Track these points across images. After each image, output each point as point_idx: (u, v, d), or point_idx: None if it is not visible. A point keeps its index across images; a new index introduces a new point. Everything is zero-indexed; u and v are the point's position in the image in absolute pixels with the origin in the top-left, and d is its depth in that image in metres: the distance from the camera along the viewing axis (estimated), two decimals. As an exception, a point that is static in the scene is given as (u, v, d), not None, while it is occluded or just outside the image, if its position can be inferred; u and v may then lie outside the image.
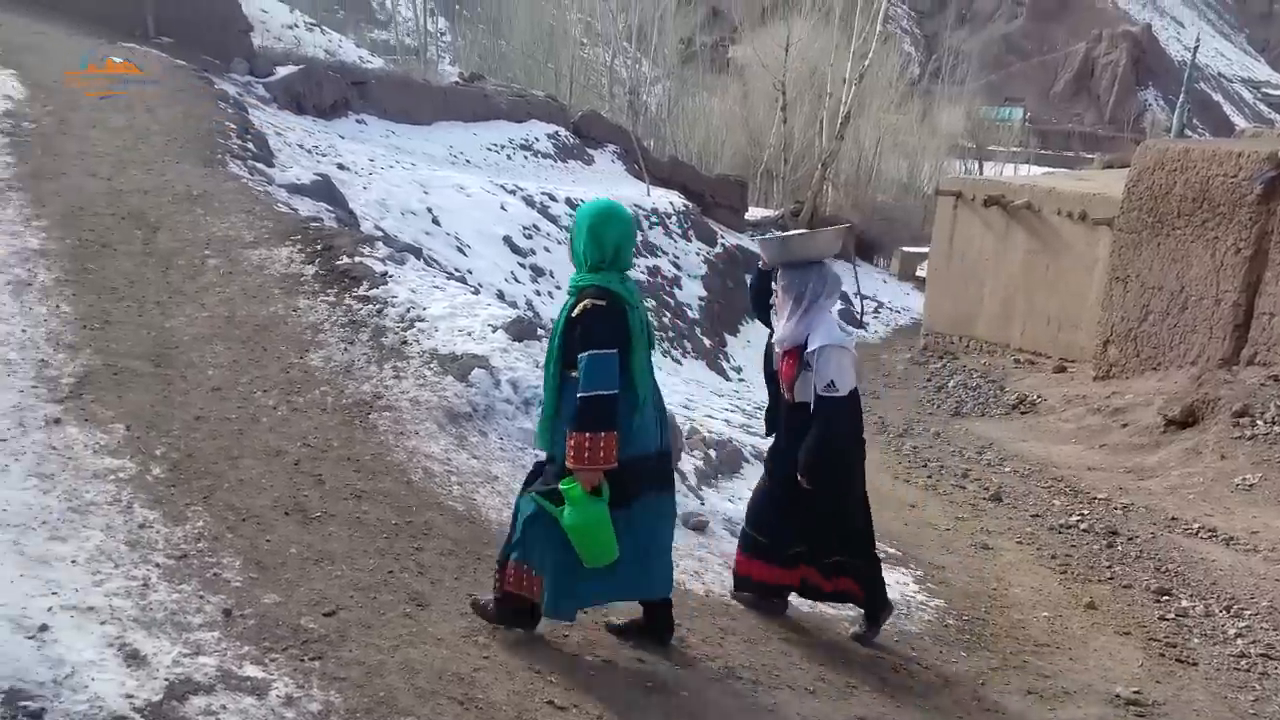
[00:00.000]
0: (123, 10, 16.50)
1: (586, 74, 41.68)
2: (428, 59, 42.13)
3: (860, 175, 38.58)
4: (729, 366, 17.33)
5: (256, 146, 10.92)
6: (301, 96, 17.36)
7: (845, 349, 4.19)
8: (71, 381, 4.71)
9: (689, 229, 21.37)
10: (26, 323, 5.24)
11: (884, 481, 8.95)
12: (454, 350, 6.11)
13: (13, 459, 3.91)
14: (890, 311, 25.19)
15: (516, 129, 23.26)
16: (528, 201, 16.89)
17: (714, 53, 52.29)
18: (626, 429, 3.38)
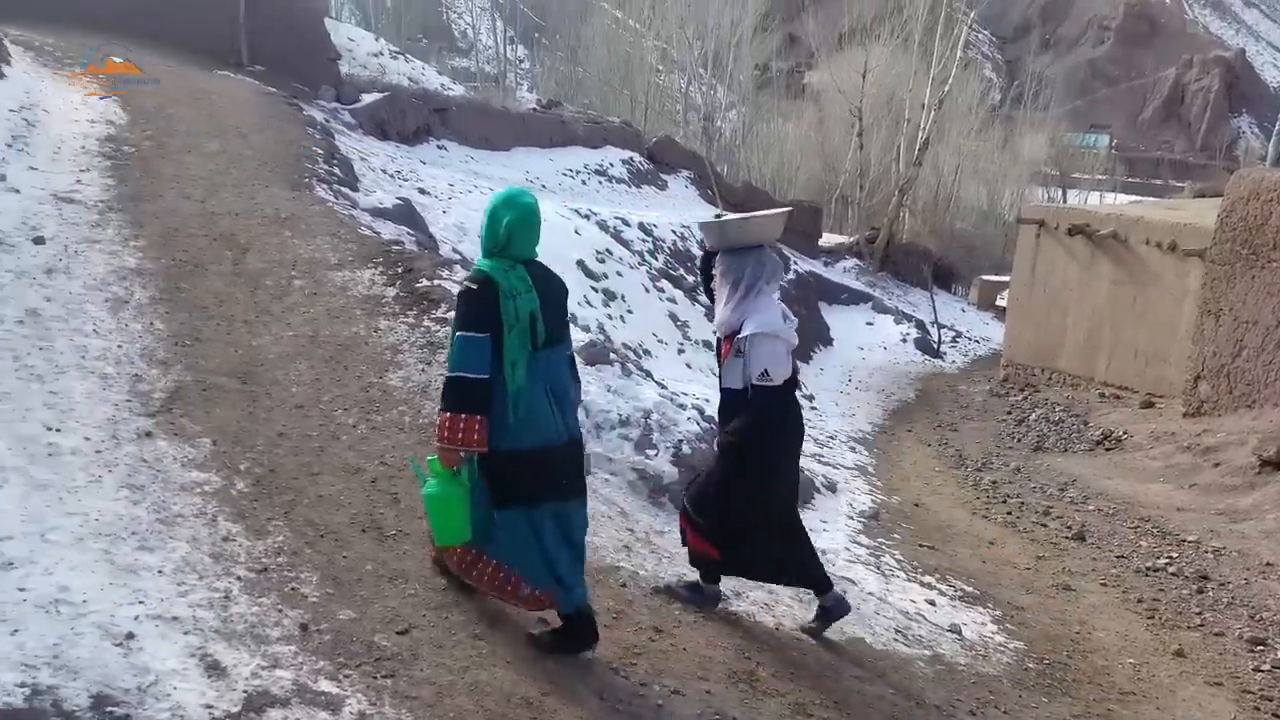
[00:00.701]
0: (219, 40, 17.19)
1: (661, 100, 42.00)
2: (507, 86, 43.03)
3: (938, 202, 38.07)
4: (800, 394, 17.14)
5: (342, 171, 11.25)
6: (385, 123, 17.84)
7: (778, 337, 4.11)
8: (163, 396, 4.88)
9: (762, 255, 21.27)
10: (123, 339, 5.46)
11: (961, 516, 8.77)
12: (528, 373, 6.17)
13: (106, 470, 4.06)
14: (969, 341, 24.69)
15: (592, 154, 23.52)
16: (601, 226, 17.03)
17: (790, 78, 52.30)
18: (500, 419, 3.37)
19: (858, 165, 34.04)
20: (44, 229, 6.78)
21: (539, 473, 3.45)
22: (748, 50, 40.04)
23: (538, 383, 3.44)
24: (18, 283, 5.77)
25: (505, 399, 3.37)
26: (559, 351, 3.57)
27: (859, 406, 16.88)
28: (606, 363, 6.59)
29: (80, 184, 8.05)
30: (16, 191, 7.31)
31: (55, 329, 5.33)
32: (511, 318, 3.35)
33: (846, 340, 21.25)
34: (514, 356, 3.36)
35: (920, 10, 33.99)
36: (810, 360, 19.38)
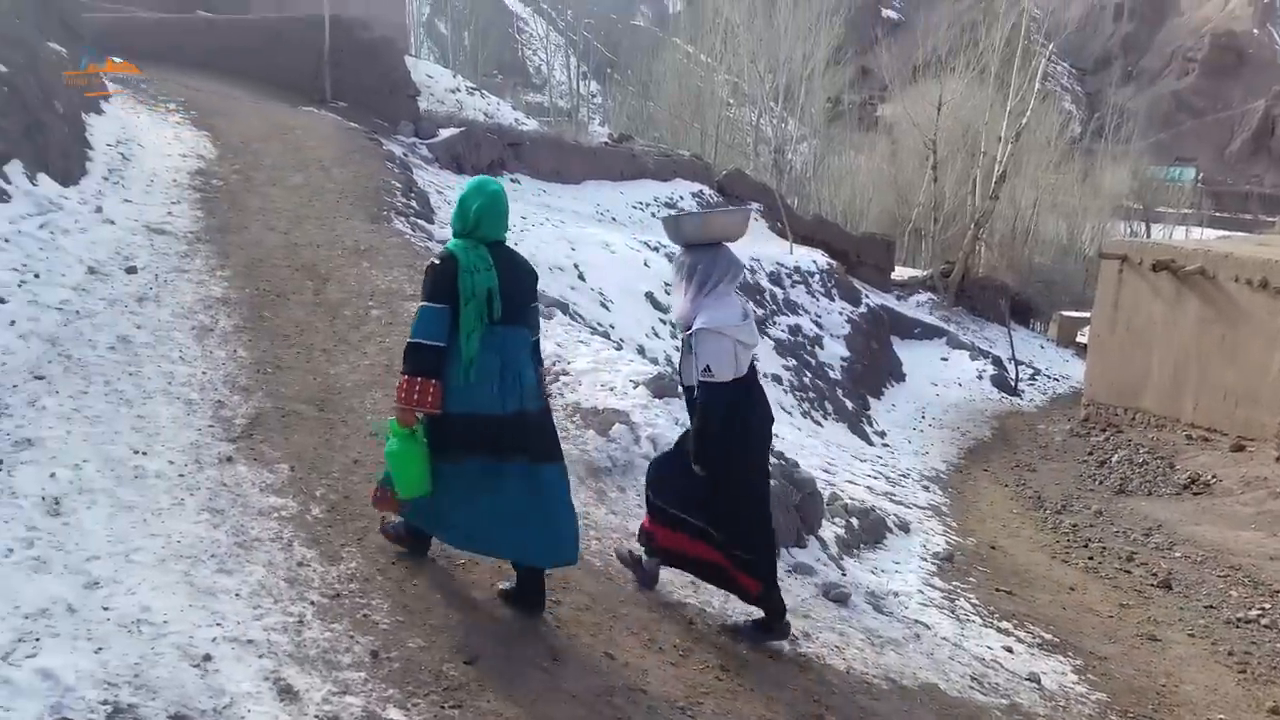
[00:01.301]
0: (304, 78, 17.84)
1: (732, 133, 42.20)
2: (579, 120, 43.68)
3: (1016, 236, 37.37)
4: (872, 430, 16.89)
5: (419, 204, 11.51)
6: (461, 156, 18.24)
7: (722, 334, 3.98)
8: (244, 422, 5.01)
9: (832, 287, 21.13)
10: (207, 366, 5.63)
11: (1040, 561, 8.51)
12: (596, 405, 6.20)
13: (188, 494, 4.18)
14: (1048, 379, 24.07)
15: (662, 187, 23.70)
16: (670, 259, 17.10)
17: (862, 111, 52.11)
18: (453, 384, 3.65)
19: (932, 198, 33.65)
20: (136, 259, 7.06)
21: (476, 437, 3.70)
22: (819, 83, 40.01)
23: (492, 355, 3.69)
24: (110, 310, 6.00)
25: (458, 366, 3.66)
26: (518, 331, 3.79)
27: (933, 444, 16.54)
28: (675, 395, 6.57)
29: (171, 216, 8.37)
30: (111, 223, 7.64)
31: (144, 355, 5.53)
32: (469, 292, 3.62)
33: (920, 376, 20.90)
34: (469, 328, 3.64)
35: (997, 42, 33.63)
36: (882, 395, 19.10)
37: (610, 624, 4.06)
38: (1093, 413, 15.73)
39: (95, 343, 5.46)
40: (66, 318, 5.65)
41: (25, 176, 7.29)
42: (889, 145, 41.71)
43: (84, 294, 6.11)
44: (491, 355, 3.68)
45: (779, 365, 16.26)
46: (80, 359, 5.20)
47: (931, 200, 33.73)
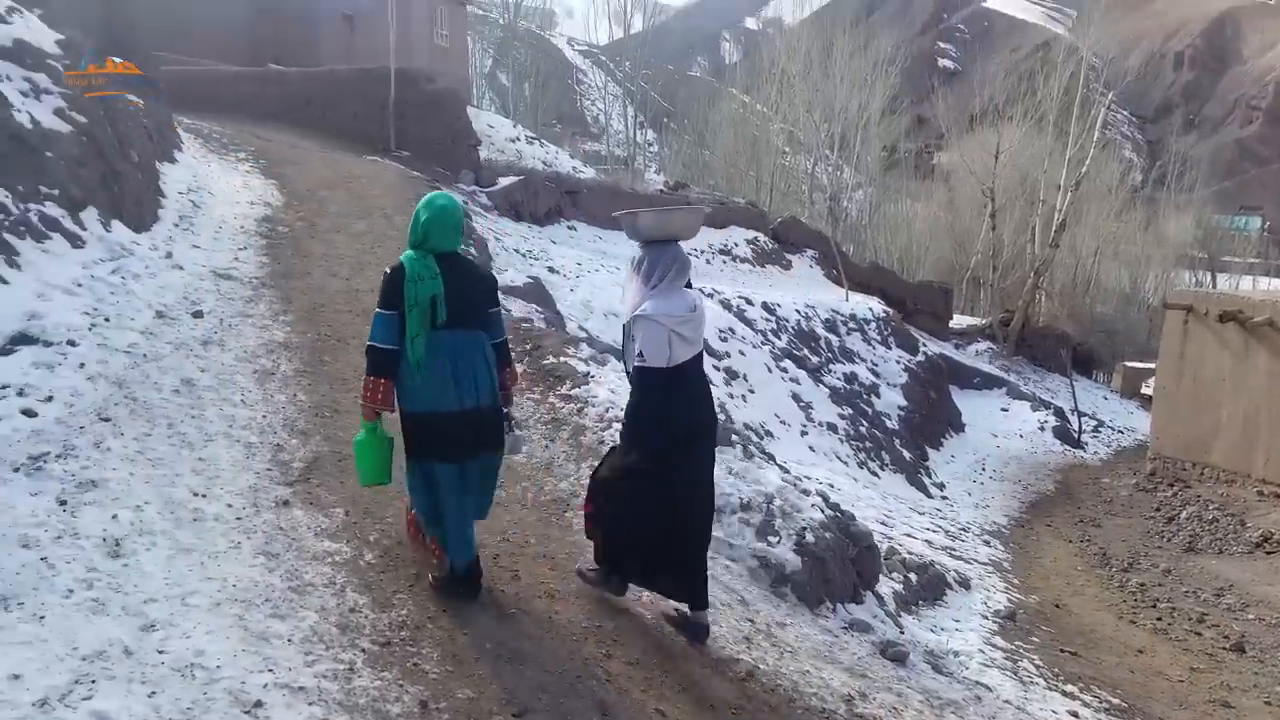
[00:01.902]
0: (369, 128, 18.34)
1: (787, 181, 42.29)
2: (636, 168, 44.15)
3: (1077, 284, 36.73)
4: (930, 482, 16.55)
5: (478, 250, 11.67)
6: (519, 204, 18.51)
7: (659, 323, 4.09)
8: (301, 466, 5.07)
9: (889, 335, 20.90)
10: (267, 409, 5.72)
11: (1106, 621, 8.20)
12: (650, 453, 6.14)
13: (245, 537, 4.22)
14: (1112, 431, 23.44)
15: (717, 234, 23.76)
16: (724, 305, 17.09)
17: (918, 159, 51.92)
18: (408, 384, 3.94)
19: (990, 246, 33.27)
20: (203, 303, 7.24)
21: (431, 433, 3.96)
22: (875, 132, 40.02)
23: (440, 357, 3.94)
24: (176, 354, 6.15)
25: (408, 367, 3.93)
26: (472, 334, 4.04)
27: (993, 497, 16.16)
28: (728, 445, 6.50)
29: (238, 261, 8.60)
30: (180, 268, 7.86)
31: (207, 398, 5.64)
32: (412, 299, 3.89)
33: (980, 427, 20.49)
34: (414, 332, 3.90)
35: (1054, 91, 33.39)
36: (941, 446, 18.75)
37: (661, 679, 3.98)
38: (1159, 467, 15.25)
39: (160, 385, 5.59)
40: (134, 360, 5.80)
41: (100, 223, 7.55)
42: (946, 193, 41.44)
43: (151, 337, 6.28)
44: (442, 357, 3.94)
45: (835, 414, 16.05)
46: (145, 401, 5.32)
47: (990, 248, 33.34)
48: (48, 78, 8.00)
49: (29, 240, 6.54)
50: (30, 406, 4.88)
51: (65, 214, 7.19)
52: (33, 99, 7.59)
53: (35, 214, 6.83)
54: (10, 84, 7.46)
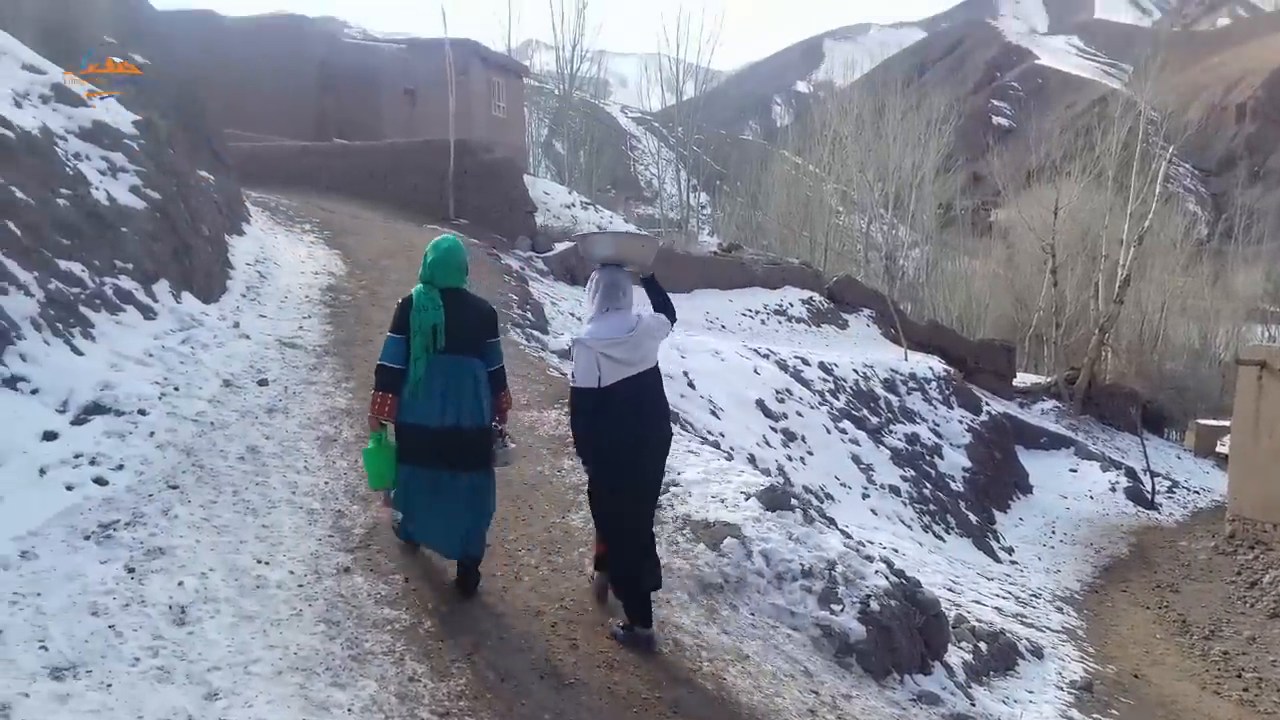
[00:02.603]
0: (430, 197, 18.82)
1: (842, 240, 42.23)
2: (689, 231, 44.51)
3: (1143, 341, 35.85)
4: (998, 546, 16.07)
5: (534, 315, 11.81)
6: (574, 269, 18.72)
7: (584, 345, 4.49)
8: (362, 533, 5.10)
9: (950, 395, 20.54)
10: (329, 476, 5.79)
11: (1188, 691, 7.82)
12: (707, 517, 6.08)
13: (306, 604, 4.24)
14: (1187, 491, 22.61)
15: (771, 295, 23.75)
16: (780, 365, 16.99)
17: (975, 216, 51.59)
18: (404, 399, 4.50)
19: (1052, 303, 32.72)
20: (268, 372, 7.41)
21: (412, 441, 4.53)
22: (930, 190, 39.92)
23: (437, 378, 4.49)
24: (242, 421, 6.28)
25: (408, 384, 4.49)
26: (468, 360, 4.57)
27: (1065, 562, 15.63)
28: (787, 509, 6.39)
29: (302, 330, 8.80)
30: (247, 338, 8.07)
31: (271, 465, 5.73)
32: (416, 326, 4.48)
33: (1048, 488, 19.93)
34: (416, 354, 4.47)
35: (1113, 146, 33.03)
36: (1008, 509, 18.26)
37: (724, 753, 3.87)
38: (1239, 529, 14.63)
39: (226, 453, 5.70)
40: (202, 429, 5.93)
41: (171, 295, 7.81)
42: (1004, 250, 41.02)
43: (219, 406, 6.42)
44: (436, 378, 4.49)
45: (897, 476, 15.74)
46: (212, 469, 5.43)
47: (1052, 305, 32.79)
48: (124, 157, 8.37)
49: (104, 312, 6.78)
50: (102, 475, 5.00)
51: (139, 286, 7.45)
52: (110, 177, 7.94)
53: (110, 287, 7.09)
54: (89, 163, 7.82)
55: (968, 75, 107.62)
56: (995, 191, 48.52)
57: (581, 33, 44.80)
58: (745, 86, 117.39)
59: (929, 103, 41.75)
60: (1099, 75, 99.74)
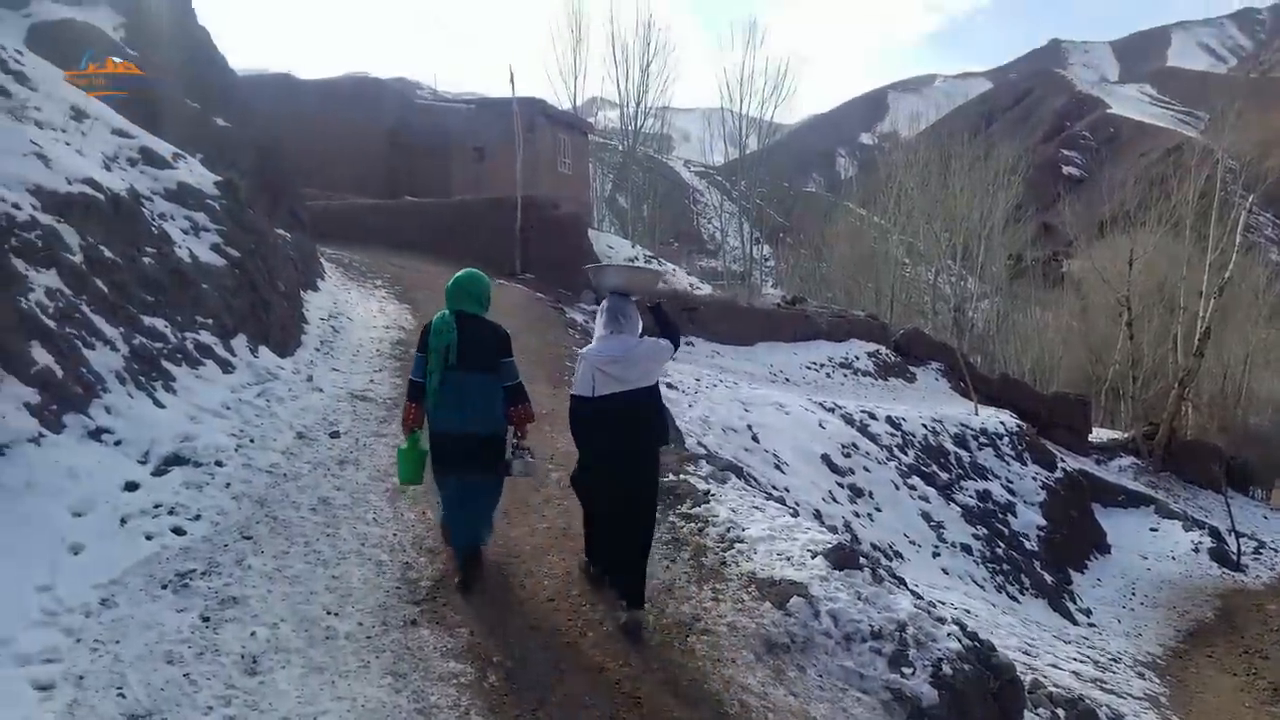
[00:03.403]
0: (497, 253, 19.18)
1: (908, 292, 41.81)
2: (752, 283, 44.51)
3: (1226, 395, 34.59)
4: (1075, 608, 15.49)
5: (598, 368, 11.87)
6: (638, 322, 18.86)
7: (585, 359, 5.20)
8: (429, 585, 5.14)
9: (1023, 450, 20.02)
10: (397, 527, 5.87)
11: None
12: (772, 575, 5.98)
13: (374, 656, 4.27)
14: (1274, 552, 21.57)
15: (836, 348, 23.54)
16: (846, 419, 16.78)
17: (1046, 267, 50.66)
18: (428, 408, 5.20)
19: (1128, 356, 31.84)
20: (340, 424, 7.57)
21: (440, 448, 5.21)
22: (999, 240, 39.40)
23: (452, 391, 5.15)
24: (314, 473, 6.41)
25: (427, 396, 5.18)
26: (481, 376, 5.22)
27: (1146, 625, 14.99)
28: (855, 567, 6.26)
29: (373, 384, 8.98)
30: (320, 391, 8.27)
31: (342, 516, 5.83)
32: (432, 346, 5.19)
33: (1127, 548, 19.20)
34: (432, 369, 5.17)
35: (1190, 196, 32.31)
36: (1085, 569, 17.64)
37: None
38: (1338, 594, 13.88)
39: (299, 504, 5.82)
40: (275, 480, 6.07)
41: (249, 349, 8.06)
42: (1077, 301, 40.14)
43: (292, 457, 6.57)
44: (451, 391, 5.15)
45: (968, 534, 15.34)
46: (285, 520, 5.54)
47: (1128, 358, 31.90)
48: (206, 216, 8.73)
49: (184, 366, 7.03)
50: (180, 525, 5.15)
51: (218, 341, 7.71)
52: (192, 236, 8.28)
53: (191, 341, 7.35)
54: (173, 223, 8.17)
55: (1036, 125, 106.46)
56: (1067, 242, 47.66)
57: (645, 89, 45.58)
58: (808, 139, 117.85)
59: (997, 153, 41.41)
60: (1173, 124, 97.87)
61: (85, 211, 6.93)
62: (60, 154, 7.31)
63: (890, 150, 56.75)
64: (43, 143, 7.24)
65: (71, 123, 8.33)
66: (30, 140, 7.14)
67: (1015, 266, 46.50)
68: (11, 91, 8.07)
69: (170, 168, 8.93)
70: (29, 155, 6.89)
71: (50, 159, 7.04)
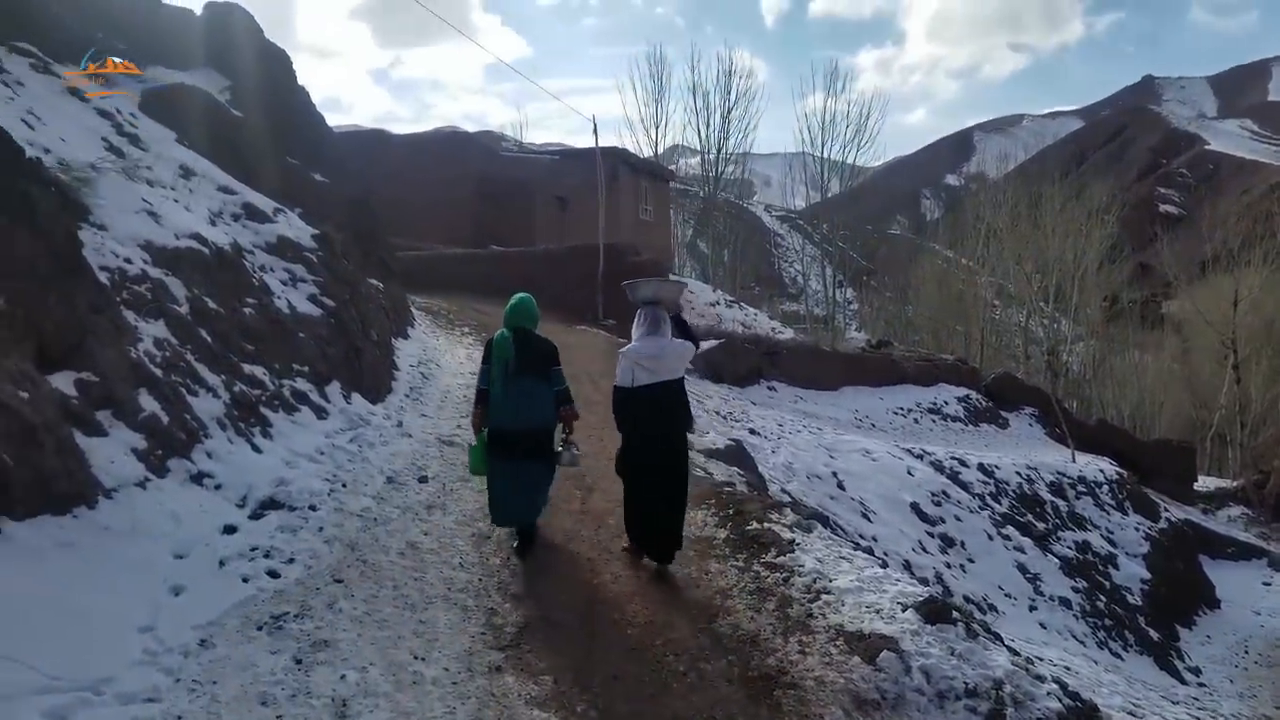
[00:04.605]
0: (580, 299, 19.46)
1: (998, 335, 40.81)
2: (836, 327, 44.03)
3: (1345, 441, 32.60)
4: (1183, 666, 14.68)
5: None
6: (720, 366, 18.82)
7: (625, 356, 6.24)
8: (513, 631, 5.16)
9: (1124, 500, 19.21)
10: (483, 573, 5.92)
11: None
12: (861, 628, 5.82)
13: (459, 702, 4.29)
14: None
15: (924, 393, 23.07)
16: (936, 467, 16.36)
17: (1144, 309, 48.89)
18: (492, 408, 6.22)
19: (1235, 400, 30.41)
20: (428, 469, 7.71)
21: (496, 439, 6.20)
22: (1094, 282, 38.22)
23: (512, 393, 6.19)
24: (403, 517, 6.53)
25: (492, 399, 6.21)
26: (536, 381, 6.27)
27: (1261, 685, 14.12)
28: (949, 621, 6.04)
29: (459, 429, 9.12)
30: (409, 436, 8.45)
31: (429, 561, 5.91)
32: (495, 358, 6.25)
33: (1238, 603, 18.16)
34: (495, 377, 6.22)
35: (1298, 231, 30.91)
36: (1193, 625, 16.74)
37: None
38: None
39: (388, 548, 5.92)
40: (366, 524, 6.20)
41: (342, 395, 8.30)
42: (1179, 344, 38.62)
43: (382, 502, 6.71)
44: (512, 393, 6.18)
45: (1067, 586, 14.72)
46: (374, 564, 5.64)
47: (1235, 403, 30.47)
48: (304, 268, 9.08)
49: (281, 412, 7.26)
50: (275, 568, 5.29)
51: (313, 388, 7.96)
52: (290, 287, 8.60)
53: (288, 389, 7.61)
54: (273, 274, 8.50)
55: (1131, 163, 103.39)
56: (1166, 282, 46.00)
57: (725, 136, 45.94)
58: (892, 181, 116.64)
59: (1090, 192, 40.38)
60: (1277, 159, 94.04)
61: (191, 264, 7.28)
62: (169, 210, 7.71)
63: (977, 191, 55.82)
64: (153, 200, 7.65)
65: (180, 180, 8.79)
66: (142, 198, 7.55)
67: (1111, 308, 44.96)
68: (126, 152, 8.57)
69: (270, 222, 9.33)
70: (140, 212, 7.28)
71: (160, 215, 7.43)
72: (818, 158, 50.28)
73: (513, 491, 6.22)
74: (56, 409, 5.11)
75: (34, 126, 7.90)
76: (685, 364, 6.48)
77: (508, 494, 6.24)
